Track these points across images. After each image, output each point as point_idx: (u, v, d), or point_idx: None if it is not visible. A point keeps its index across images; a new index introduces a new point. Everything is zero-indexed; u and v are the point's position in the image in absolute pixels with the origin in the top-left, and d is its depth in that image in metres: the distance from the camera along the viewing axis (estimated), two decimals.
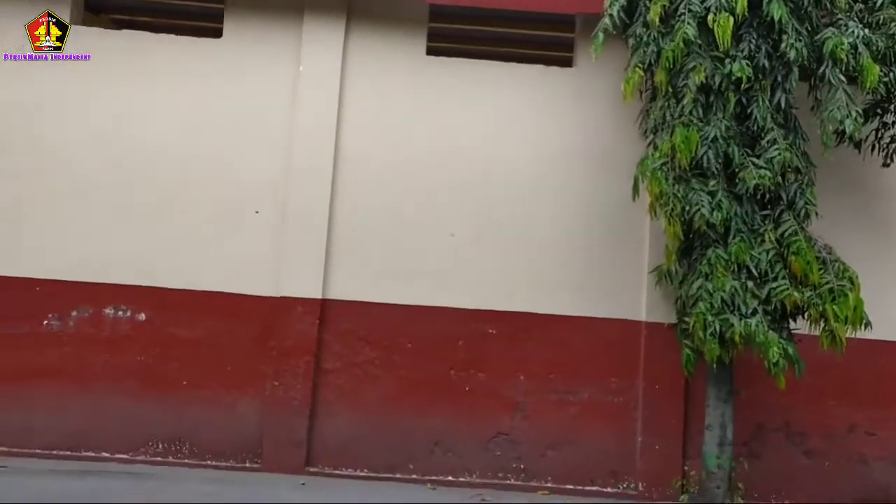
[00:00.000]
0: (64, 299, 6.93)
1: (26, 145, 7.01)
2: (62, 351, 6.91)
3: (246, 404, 6.88)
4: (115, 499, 5.59)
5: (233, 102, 7.16)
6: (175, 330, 6.96)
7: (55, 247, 6.96)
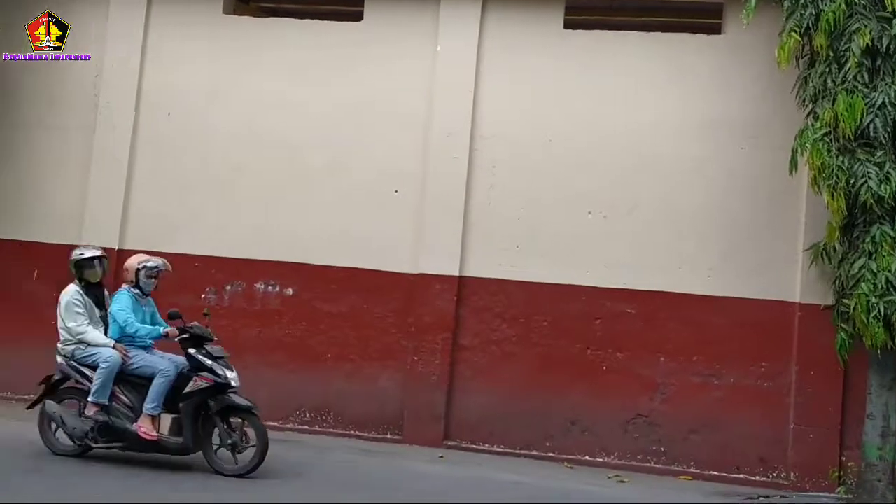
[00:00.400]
0: (219, 274, 7.38)
1: (190, 132, 7.51)
2: (218, 323, 7.30)
3: (387, 378, 7.09)
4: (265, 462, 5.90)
5: (372, 84, 7.34)
6: (320, 304, 7.26)
7: (212, 226, 7.42)
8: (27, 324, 7.50)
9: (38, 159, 7.67)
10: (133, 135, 7.52)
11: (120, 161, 7.49)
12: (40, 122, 7.69)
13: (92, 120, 7.57)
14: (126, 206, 7.48)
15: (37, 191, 7.65)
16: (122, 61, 7.55)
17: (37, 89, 7.72)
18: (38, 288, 7.55)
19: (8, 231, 7.64)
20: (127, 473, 5.33)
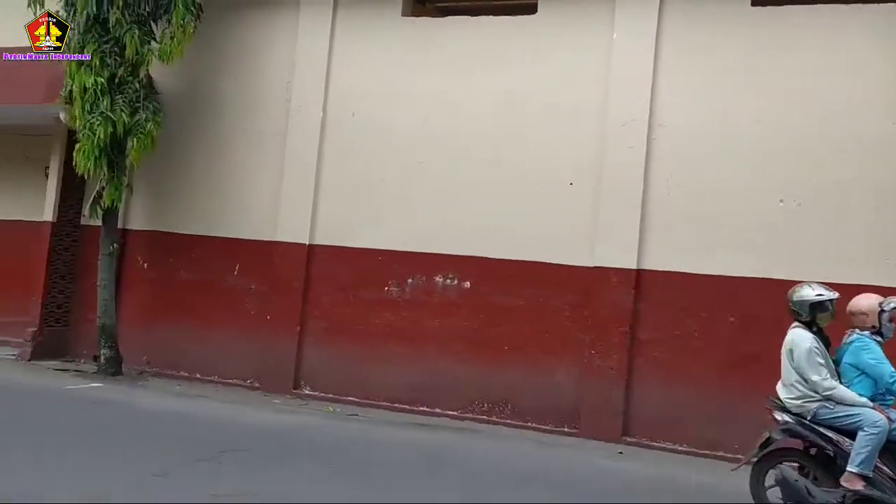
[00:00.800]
0: (402, 268, 7.67)
1: (372, 131, 7.86)
2: (400, 315, 7.66)
3: (564, 371, 7.05)
4: (446, 452, 6.07)
5: (547, 76, 7.32)
6: (497, 298, 7.34)
7: (394, 221, 7.72)
8: (229, 312, 8.21)
9: (238, 162, 8.33)
10: (320, 137, 7.98)
11: (309, 162, 7.98)
12: (240, 128, 8.35)
13: (284, 124, 8.11)
14: (315, 204, 7.96)
15: (237, 192, 8.32)
16: (311, 67, 8.04)
17: (236, 97, 8.39)
18: (239, 280, 8.23)
19: (213, 229, 8.37)
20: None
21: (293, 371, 7.83)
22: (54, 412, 6.27)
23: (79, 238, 8.92)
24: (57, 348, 8.70)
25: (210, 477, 4.67)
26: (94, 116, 7.35)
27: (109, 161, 7.54)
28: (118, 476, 4.50)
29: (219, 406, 7.02)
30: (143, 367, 8.36)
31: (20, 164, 9.00)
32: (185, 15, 7.41)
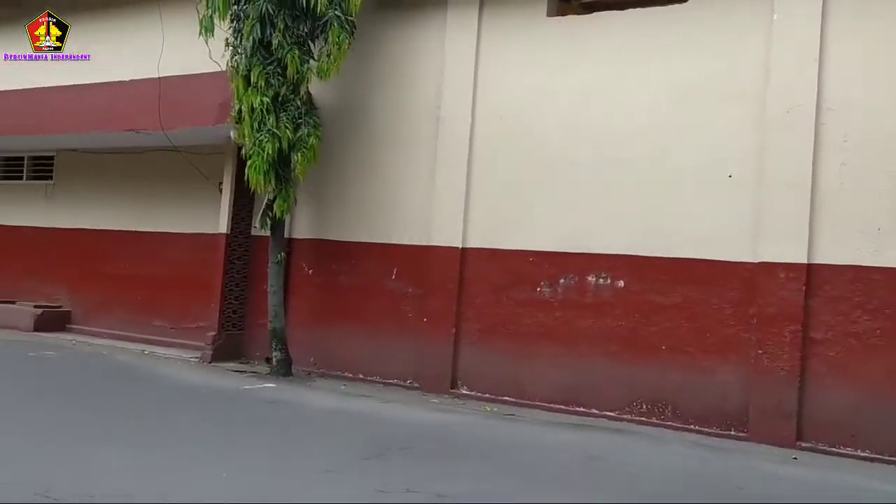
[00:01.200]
0: (553, 268, 7.65)
1: (521, 133, 7.90)
2: (553, 315, 7.64)
3: (728, 371, 6.76)
4: (606, 454, 5.98)
5: (700, 65, 7.06)
6: (653, 296, 7.16)
7: (545, 221, 7.71)
8: (388, 314, 8.52)
9: (393, 171, 8.63)
10: (470, 142, 8.11)
11: (459, 167, 8.13)
12: (393, 138, 8.65)
13: (435, 131, 8.32)
14: (467, 208, 8.09)
15: (393, 199, 8.61)
16: (458, 74, 8.19)
17: (389, 107, 8.69)
18: (397, 284, 8.52)
19: (371, 235, 8.72)
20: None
21: (450, 371, 8.00)
22: (234, 411, 6.76)
23: (250, 248, 9.59)
24: (233, 351, 9.38)
25: (376, 474, 4.86)
26: (261, 134, 7.85)
27: (277, 175, 8.03)
28: (292, 472, 4.79)
29: (381, 405, 7.29)
30: (310, 368, 8.85)
31: (197, 181, 9.77)
32: (340, 33, 7.76)
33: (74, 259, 11.32)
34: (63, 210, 11.54)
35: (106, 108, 9.75)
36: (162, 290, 10.34)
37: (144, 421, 5.96)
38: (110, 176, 11.00)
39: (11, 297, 11.84)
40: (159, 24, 9.43)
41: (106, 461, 4.66)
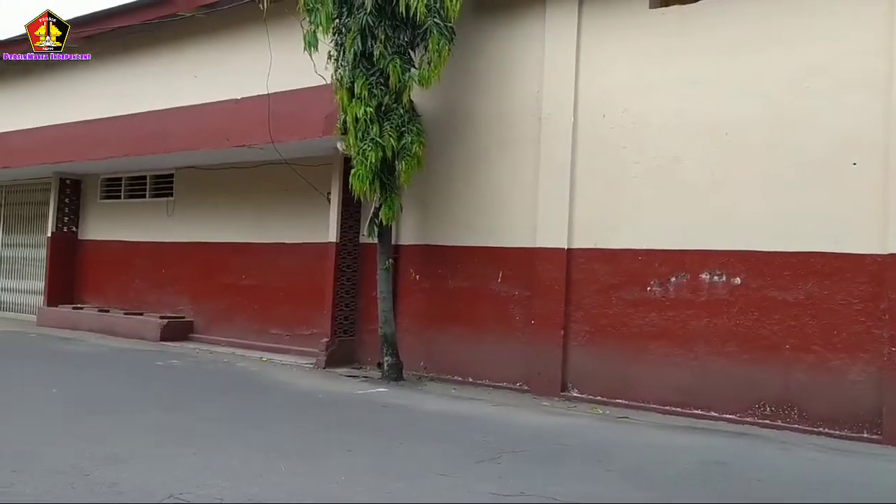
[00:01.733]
0: (663, 267, 7.45)
1: (625, 128, 7.76)
2: (665, 314, 7.44)
3: (859, 370, 6.38)
4: (728, 458, 5.75)
5: (815, 51, 6.73)
6: (772, 293, 6.85)
7: (652, 218, 7.53)
8: (495, 318, 8.52)
9: (495, 174, 8.64)
10: (572, 141, 8.02)
11: (562, 167, 8.05)
12: (494, 141, 8.66)
13: (537, 132, 8.27)
14: (571, 208, 8.00)
15: (496, 202, 8.62)
16: (559, 73, 8.12)
17: (489, 110, 8.72)
18: (503, 287, 8.51)
19: (476, 239, 8.75)
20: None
21: (560, 374, 7.92)
22: (349, 415, 6.92)
23: (359, 256, 9.82)
24: (346, 357, 9.62)
25: (490, 477, 4.86)
26: (365, 143, 8.03)
27: (382, 183, 8.18)
28: (406, 475, 4.85)
29: (492, 409, 7.29)
30: (421, 372, 8.96)
31: (307, 192, 10.09)
32: (440, 40, 7.83)
33: (195, 271, 11.93)
34: (183, 225, 12.18)
35: (220, 126, 10.22)
36: (277, 299, 10.74)
37: (266, 425, 6.19)
38: (226, 190, 11.53)
39: (139, 308, 12.60)
40: (264, 43, 9.80)
41: (231, 464, 4.86)
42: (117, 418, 6.21)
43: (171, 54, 12.21)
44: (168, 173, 12.54)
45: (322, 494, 4.33)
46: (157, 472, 4.58)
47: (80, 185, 14.01)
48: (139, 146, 11.25)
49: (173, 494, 4.12)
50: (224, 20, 11.23)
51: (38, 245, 14.54)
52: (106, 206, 13.68)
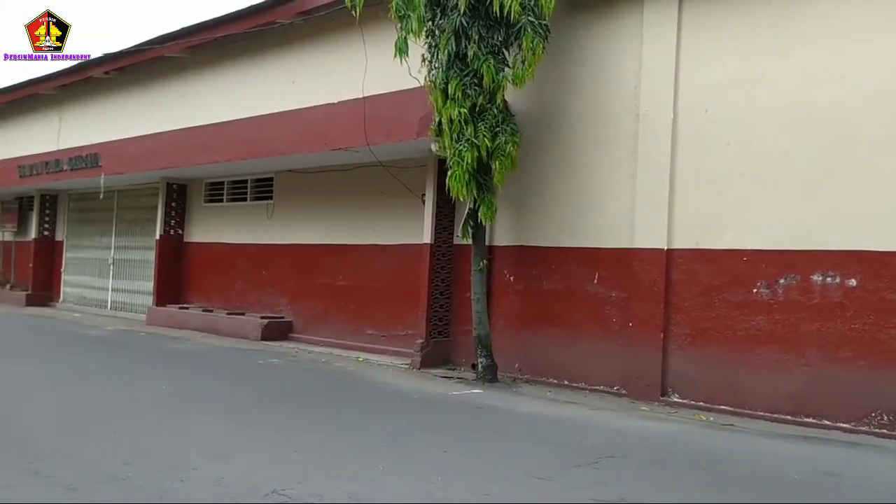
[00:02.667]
0: (770, 268, 7.13)
1: (728, 124, 7.47)
2: (773, 318, 7.11)
3: None
4: (843, 469, 5.44)
5: None
6: (890, 295, 6.46)
7: (759, 217, 7.22)
8: (591, 320, 8.36)
9: (591, 173, 8.47)
10: (672, 137, 7.77)
11: (661, 165, 7.81)
12: (590, 139, 8.49)
13: (634, 130, 8.07)
14: (671, 207, 7.76)
15: (592, 201, 8.45)
16: (658, 68, 7.89)
17: (584, 108, 8.56)
18: (599, 289, 8.34)
19: (571, 240, 8.61)
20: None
21: (659, 378, 7.69)
22: (444, 415, 6.93)
23: (453, 257, 9.83)
24: (440, 357, 9.65)
25: (589, 482, 4.75)
26: (460, 144, 8.02)
27: (478, 184, 8.15)
28: (503, 477, 4.80)
29: (589, 412, 7.15)
30: (515, 374, 8.89)
31: (401, 194, 10.20)
32: (534, 38, 7.75)
33: (294, 272, 12.24)
34: (282, 227, 12.52)
35: (317, 130, 10.46)
36: (373, 300, 10.89)
37: (363, 424, 6.27)
38: (323, 193, 11.78)
39: (241, 308, 13.03)
40: (360, 47, 9.96)
41: (331, 462, 4.94)
42: (222, 415, 6.42)
43: (271, 61, 12.59)
44: (268, 177, 12.93)
45: (419, 494, 4.33)
46: (260, 468, 4.70)
47: (186, 189, 14.63)
48: (241, 151, 11.65)
49: (276, 490, 4.21)
50: (320, 26, 11.48)
51: (147, 247, 15.27)
52: (210, 210, 14.24)
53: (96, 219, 17.09)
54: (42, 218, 18.08)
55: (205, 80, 13.93)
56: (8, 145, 18.97)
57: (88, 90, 16.76)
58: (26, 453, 4.81)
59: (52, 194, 18.01)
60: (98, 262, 17.00)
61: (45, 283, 18.06)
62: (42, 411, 6.24)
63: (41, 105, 18.30)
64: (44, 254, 18.08)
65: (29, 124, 19.02)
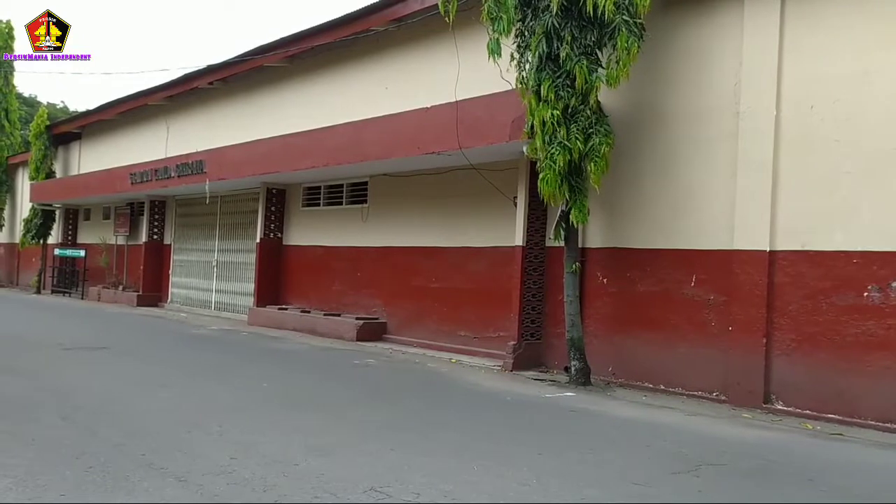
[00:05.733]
0: (882, 270, 6.79)
1: (837, 121, 7.17)
2: (885, 322, 6.77)
3: None
4: None
5: None
6: None
7: (870, 217, 6.89)
8: (688, 323, 8.16)
9: (687, 173, 8.27)
10: (775, 136, 7.51)
11: (763, 164, 7.55)
12: (686, 138, 8.30)
13: (734, 128, 7.83)
14: (774, 207, 7.49)
15: (689, 202, 8.25)
16: (760, 65, 7.64)
17: (680, 107, 8.37)
18: (696, 291, 8.13)
19: (666, 241, 8.43)
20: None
21: (762, 384, 7.43)
22: (538, 418, 6.90)
23: (545, 259, 9.79)
24: (532, 360, 9.62)
25: (689, 490, 4.64)
26: (552, 147, 7.98)
27: (570, 186, 8.09)
28: (599, 482, 4.75)
29: (686, 418, 6.98)
30: (609, 378, 8.76)
31: (493, 196, 10.22)
32: (629, 37, 7.63)
33: (387, 274, 12.46)
34: (377, 230, 12.77)
35: (410, 134, 10.61)
36: (465, 302, 10.96)
37: (457, 425, 6.32)
38: (416, 196, 11.94)
39: (337, 309, 13.36)
40: (451, 51, 10.04)
41: (427, 461, 5.01)
42: (321, 413, 6.61)
43: (364, 68, 12.88)
44: (363, 181, 13.21)
45: (515, 496, 4.34)
46: (358, 466, 4.81)
47: (285, 193, 15.11)
48: (337, 156, 11.95)
49: (374, 487, 4.30)
50: (412, 32, 11.66)
51: (248, 250, 15.87)
52: (307, 214, 14.66)
53: (201, 223, 17.88)
54: (152, 222, 19.06)
55: (301, 88, 14.38)
56: (121, 154, 20.11)
57: (194, 100, 17.58)
58: (141, 446, 5.09)
59: (160, 200, 18.95)
60: (203, 264, 17.78)
61: (154, 284, 19.01)
62: (154, 406, 6.58)
63: (150, 115, 19.33)
64: (153, 256, 19.05)
65: (140, 134, 20.12)
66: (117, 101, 20.19)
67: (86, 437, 5.32)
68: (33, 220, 23.72)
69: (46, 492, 4.03)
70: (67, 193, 21.80)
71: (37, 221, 23.65)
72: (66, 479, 4.29)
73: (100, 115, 21.47)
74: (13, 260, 27.52)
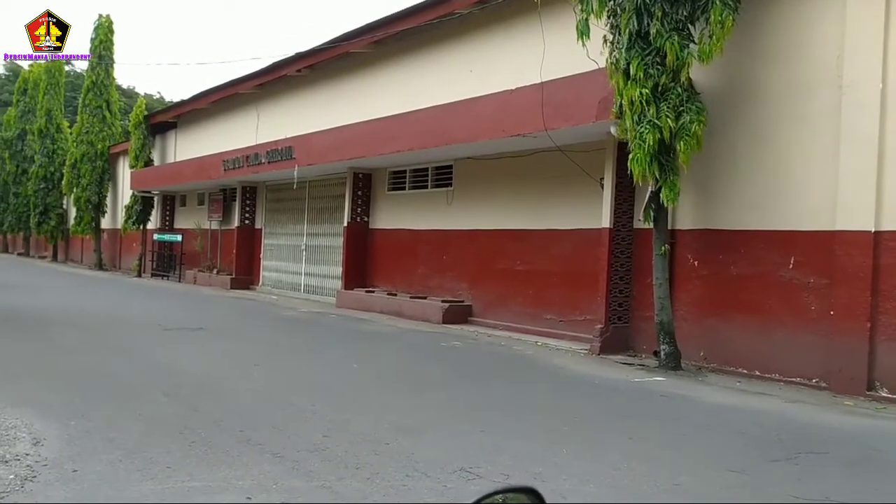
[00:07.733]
0: None
1: None
2: None
3: None
4: None
5: None
6: None
7: None
8: (786, 307, 7.87)
9: (785, 151, 7.94)
10: (881, 108, 7.11)
11: (869, 139, 7.17)
12: (784, 114, 7.96)
13: (836, 102, 7.45)
14: (880, 185, 7.11)
15: (786, 181, 7.93)
16: (865, 33, 7.24)
17: (777, 82, 8.03)
18: (795, 274, 7.82)
19: (762, 222, 8.13)
20: None
21: (865, 370, 7.10)
22: (627, 402, 6.81)
23: (632, 241, 9.60)
24: (620, 343, 9.48)
25: (788, 478, 4.49)
26: (642, 126, 7.79)
27: (660, 166, 7.89)
28: (693, 468, 4.64)
29: (783, 405, 6.74)
30: (700, 363, 8.55)
31: (579, 178, 10.08)
32: (723, 10, 7.36)
33: (472, 257, 12.49)
34: (461, 213, 12.80)
35: (495, 117, 10.56)
36: (550, 285, 10.88)
37: (545, 408, 6.31)
38: (501, 179, 11.90)
39: (422, 292, 13.49)
40: (537, 32, 9.92)
41: (515, 443, 5.01)
42: (410, 393, 6.71)
43: (448, 51, 12.88)
44: (447, 164, 13.25)
45: (605, 481, 4.30)
46: (448, 446, 4.87)
47: (371, 178, 15.32)
48: (422, 140, 12.02)
49: (464, 468, 4.34)
50: (497, 14, 11.57)
51: (336, 234, 16.19)
52: (392, 197, 14.82)
53: (290, 208, 18.35)
54: (243, 208, 19.68)
55: (386, 73, 14.51)
56: (214, 142, 20.82)
57: (282, 87, 18.00)
58: (238, 423, 5.29)
59: (251, 186, 19.54)
60: (292, 248, 18.26)
61: (246, 267, 19.66)
62: (250, 385, 6.82)
63: (241, 104, 19.91)
64: (245, 241, 19.69)
65: (231, 122, 20.77)
66: (210, 90, 20.89)
67: (187, 413, 5.57)
68: (133, 206, 24.90)
69: (153, 465, 4.23)
70: (165, 181, 22.76)
71: (137, 208, 24.82)
72: (171, 452, 4.50)
73: (194, 105, 22.28)
74: (116, 245, 28.98)
